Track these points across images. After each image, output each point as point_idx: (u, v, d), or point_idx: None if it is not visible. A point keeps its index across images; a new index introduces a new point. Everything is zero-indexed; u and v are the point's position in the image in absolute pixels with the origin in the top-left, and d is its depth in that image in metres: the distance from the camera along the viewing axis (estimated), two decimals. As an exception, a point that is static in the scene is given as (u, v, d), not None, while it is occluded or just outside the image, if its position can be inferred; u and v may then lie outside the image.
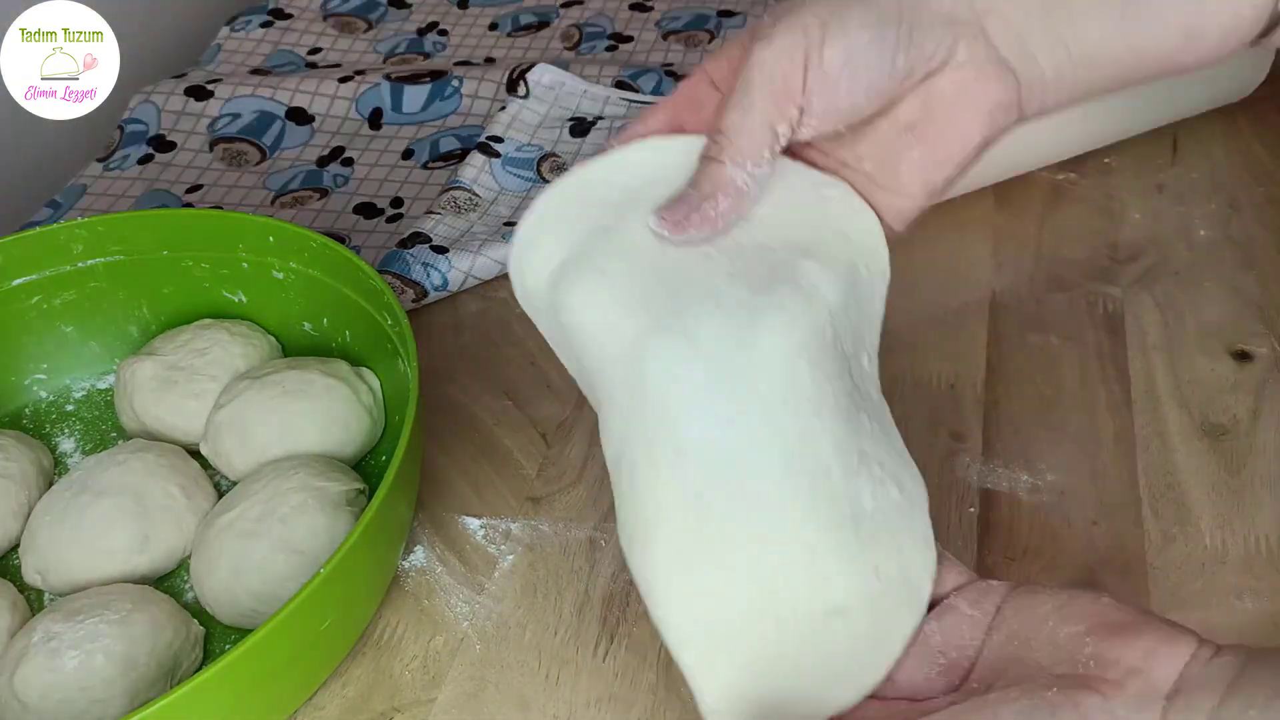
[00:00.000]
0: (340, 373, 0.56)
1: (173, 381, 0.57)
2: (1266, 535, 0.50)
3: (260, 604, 0.48)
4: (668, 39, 0.88)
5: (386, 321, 0.54)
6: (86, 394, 0.61)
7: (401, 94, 0.81)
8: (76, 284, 0.59)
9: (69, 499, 0.52)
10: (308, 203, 0.74)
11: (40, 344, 0.60)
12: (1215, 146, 0.73)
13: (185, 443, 0.57)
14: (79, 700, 0.44)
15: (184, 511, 0.52)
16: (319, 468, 0.51)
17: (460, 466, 0.57)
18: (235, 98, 0.81)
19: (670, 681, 0.47)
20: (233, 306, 0.61)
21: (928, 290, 0.64)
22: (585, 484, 0.55)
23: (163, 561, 0.52)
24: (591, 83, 0.80)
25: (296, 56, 0.88)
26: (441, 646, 0.49)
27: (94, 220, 0.58)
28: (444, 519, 0.54)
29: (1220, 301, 0.62)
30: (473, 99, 0.81)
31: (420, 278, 0.64)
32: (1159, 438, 0.55)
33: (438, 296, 0.65)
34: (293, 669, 0.44)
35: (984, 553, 0.51)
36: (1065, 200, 0.70)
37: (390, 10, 0.93)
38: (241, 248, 0.59)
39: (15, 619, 0.49)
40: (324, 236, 0.56)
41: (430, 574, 0.52)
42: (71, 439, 0.59)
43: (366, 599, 0.48)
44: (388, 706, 0.47)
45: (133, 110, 0.81)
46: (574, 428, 0.58)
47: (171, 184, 0.76)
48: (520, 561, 0.52)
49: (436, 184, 0.75)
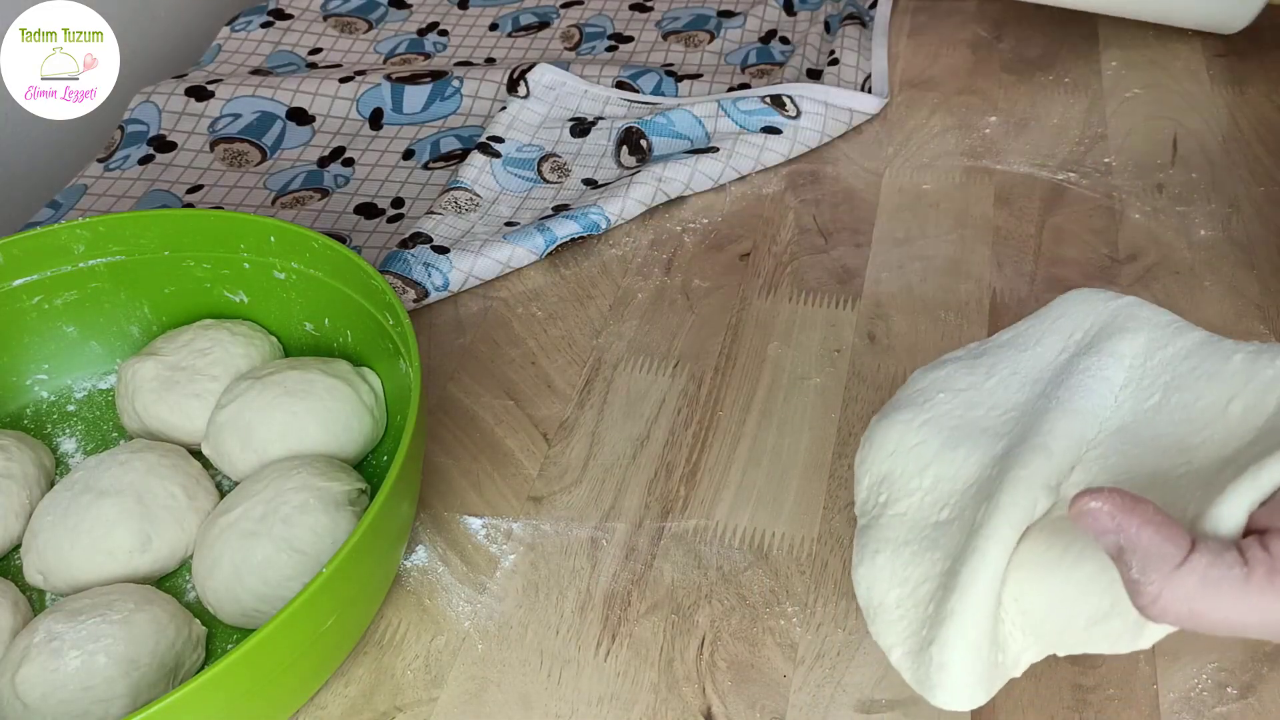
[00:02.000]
0: (342, 373, 0.56)
1: (174, 382, 0.57)
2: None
3: (262, 604, 0.48)
4: (668, 39, 0.88)
5: (388, 321, 0.54)
6: (88, 394, 0.61)
7: (402, 94, 0.81)
8: (78, 284, 0.59)
9: (70, 499, 0.52)
10: (308, 203, 0.74)
11: (41, 344, 0.60)
12: (1215, 146, 0.73)
13: (187, 443, 0.57)
14: (81, 700, 0.44)
15: (186, 511, 0.52)
16: (321, 467, 0.51)
17: (462, 466, 0.57)
18: (236, 98, 0.81)
19: (671, 681, 0.47)
20: (234, 307, 0.61)
21: (928, 290, 0.64)
22: (586, 483, 0.55)
23: (164, 561, 0.52)
24: (592, 83, 0.80)
25: (297, 57, 0.88)
26: (443, 646, 0.49)
27: (95, 220, 0.58)
28: (445, 519, 0.54)
29: (1220, 301, 0.62)
30: (473, 99, 0.81)
31: (421, 278, 0.64)
32: (1159, 437, 0.55)
33: (439, 297, 0.65)
34: (295, 669, 0.44)
35: (985, 552, 0.51)
36: (1065, 200, 0.70)
37: (390, 10, 0.93)
38: (243, 248, 0.59)
39: (17, 619, 0.49)
40: (325, 236, 0.56)
41: (432, 573, 0.52)
42: (73, 439, 0.59)
43: (368, 599, 0.48)
44: (390, 706, 0.47)
45: (133, 110, 0.81)
46: (575, 427, 0.58)
47: (172, 184, 0.76)
48: (522, 561, 0.52)
49: (437, 184, 0.75)
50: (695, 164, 0.71)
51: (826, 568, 0.51)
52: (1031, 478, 0.38)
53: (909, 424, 0.43)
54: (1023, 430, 0.41)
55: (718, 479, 0.55)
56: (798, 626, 0.48)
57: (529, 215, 0.70)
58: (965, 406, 0.43)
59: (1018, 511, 0.38)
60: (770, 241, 0.69)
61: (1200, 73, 0.80)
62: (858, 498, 0.44)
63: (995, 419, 0.42)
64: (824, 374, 0.60)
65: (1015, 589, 0.38)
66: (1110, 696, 0.45)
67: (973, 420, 0.42)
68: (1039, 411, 0.41)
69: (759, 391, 0.59)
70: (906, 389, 0.46)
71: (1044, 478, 0.38)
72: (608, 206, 0.69)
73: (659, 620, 0.49)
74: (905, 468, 0.42)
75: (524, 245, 0.67)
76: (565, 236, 0.67)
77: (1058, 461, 0.39)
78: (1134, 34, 0.84)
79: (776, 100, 0.75)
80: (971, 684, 0.37)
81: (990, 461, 0.40)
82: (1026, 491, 0.38)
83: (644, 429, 0.58)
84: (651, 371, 0.61)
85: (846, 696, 0.46)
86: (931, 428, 0.43)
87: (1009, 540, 0.37)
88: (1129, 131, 0.75)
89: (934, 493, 0.41)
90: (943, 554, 0.39)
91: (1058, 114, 0.77)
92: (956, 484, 0.41)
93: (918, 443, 0.42)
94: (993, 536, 0.37)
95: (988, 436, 0.41)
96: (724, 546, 0.52)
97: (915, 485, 0.42)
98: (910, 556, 0.40)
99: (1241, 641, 0.47)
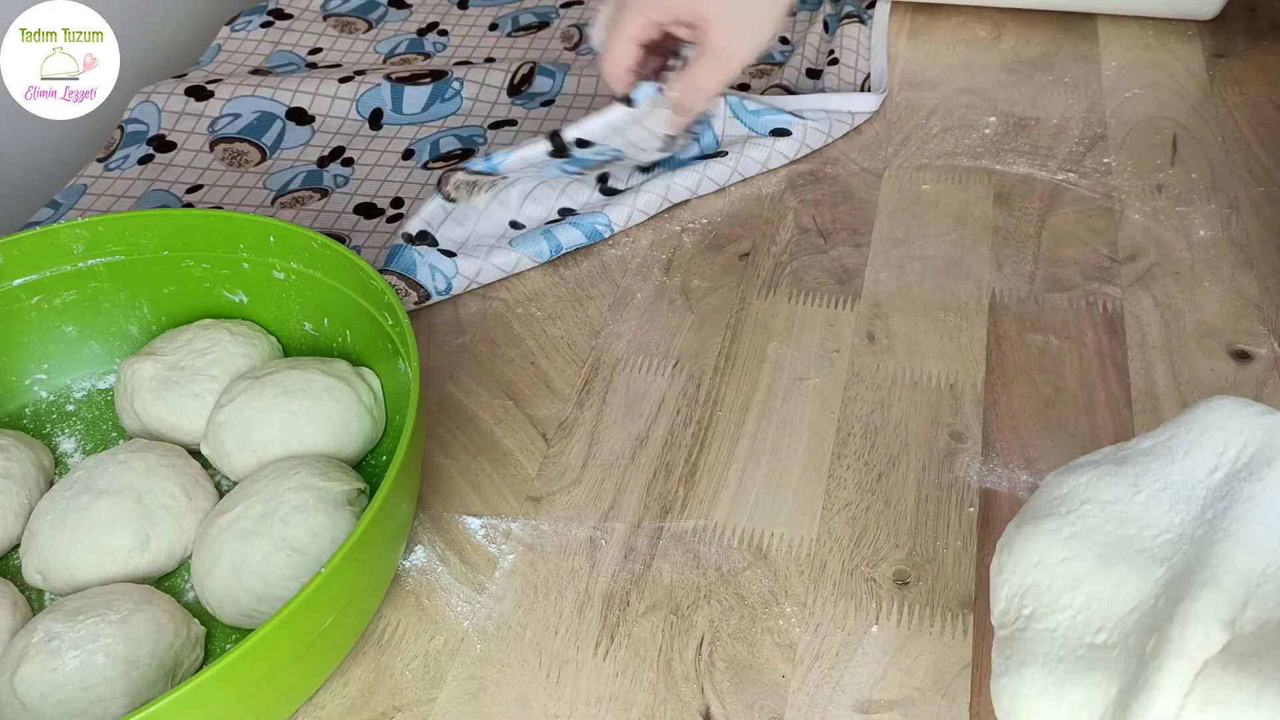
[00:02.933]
0: (341, 372, 0.56)
1: (173, 381, 0.57)
2: (1266, 535, 0.50)
3: (261, 604, 0.48)
4: (668, 39, 0.88)
5: (387, 321, 0.54)
6: (87, 394, 0.61)
7: (402, 95, 0.81)
8: (77, 284, 0.59)
9: (70, 499, 0.52)
10: (308, 203, 0.74)
11: (41, 344, 0.60)
12: (1215, 146, 0.73)
13: (186, 443, 0.57)
14: (80, 700, 0.44)
15: (185, 511, 0.52)
16: (320, 467, 0.51)
17: (461, 466, 0.57)
18: (235, 98, 0.81)
19: (670, 681, 0.47)
20: (233, 307, 0.61)
21: (927, 290, 0.64)
22: (585, 483, 0.55)
23: (163, 561, 0.52)
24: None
25: (296, 56, 0.88)
26: (442, 646, 0.49)
27: (94, 220, 0.58)
28: (444, 518, 0.54)
29: (1220, 301, 0.62)
30: (473, 101, 0.81)
31: (425, 280, 0.64)
32: (1159, 437, 0.55)
33: (439, 299, 0.65)
34: (294, 668, 0.44)
35: (984, 553, 0.51)
36: (1065, 200, 0.70)
37: (390, 10, 0.93)
38: (242, 248, 0.59)
39: (16, 619, 0.49)
40: (325, 236, 0.56)
41: (431, 573, 0.52)
42: (72, 439, 0.59)
43: (367, 598, 0.48)
44: (388, 706, 0.47)
45: (133, 110, 0.81)
46: (574, 427, 0.58)
47: (172, 184, 0.76)
48: (520, 561, 0.52)
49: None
50: (704, 170, 0.71)
51: (825, 568, 0.51)
52: (1204, 611, 0.37)
53: (1054, 535, 0.42)
54: (1187, 560, 0.40)
55: (716, 479, 0.55)
56: (796, 627, 0.48)
57: (537, 204, 0.70)
58: (1116, 523, 0.42)
59: (1192, 645, 0.37)
60: (769, 241, 0.69)
61: (1200, 73, 0.80)
62: (995, 606, 0.43)
63: (1151, 540, 0.41)
64: (823, 374, 0.60)
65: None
66: (1109, 697, 0.45)
67: (1126, 539, 0.41)
68: (1204, 541, 0.40)
69: (758, 391, 0.59)
70: (1044, 494, 0.44)
71: (1217, 611, 0.38)
72: (613, 215, 0.69)
73: (658, 620, 0.49)
74: (1053, 582, 0.41)
75: (528, 251, 0.66)
76: (570, 245, 0.67)
77: (1229, 596, 0.38)
78: (1134, 34, 0.84)
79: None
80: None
81: (1152, 588, 0.40)
82: (1200, 625, 0.37)
83: (643, 429, 0.58)
84: (650, 371, 0.61)
85: (845, 696, 0.46)
86: (1081, 542, 0.42)
87: (1185, 675, 0.37)
88: (1129, 131, 0.75)
89: (1087, 612, 0.40)
90: (1103, 677, 0.38)
91: (1058, 114, 0.77)
92: (1114, 607, 0.40)
93: (1066, 557, 0.41)
94: (1168, 669, 0.37)
95: (1145, 559, 0.41)
96: (723, 547, 0.52)
97: (1066, 601, 0.41)
98: (1064, 674, 0.39)
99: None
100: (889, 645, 0.48)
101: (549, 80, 0.82)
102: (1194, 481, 0.42)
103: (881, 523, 0.52)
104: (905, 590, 0.50)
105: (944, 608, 0.49)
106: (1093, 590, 0.41)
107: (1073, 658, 0.40)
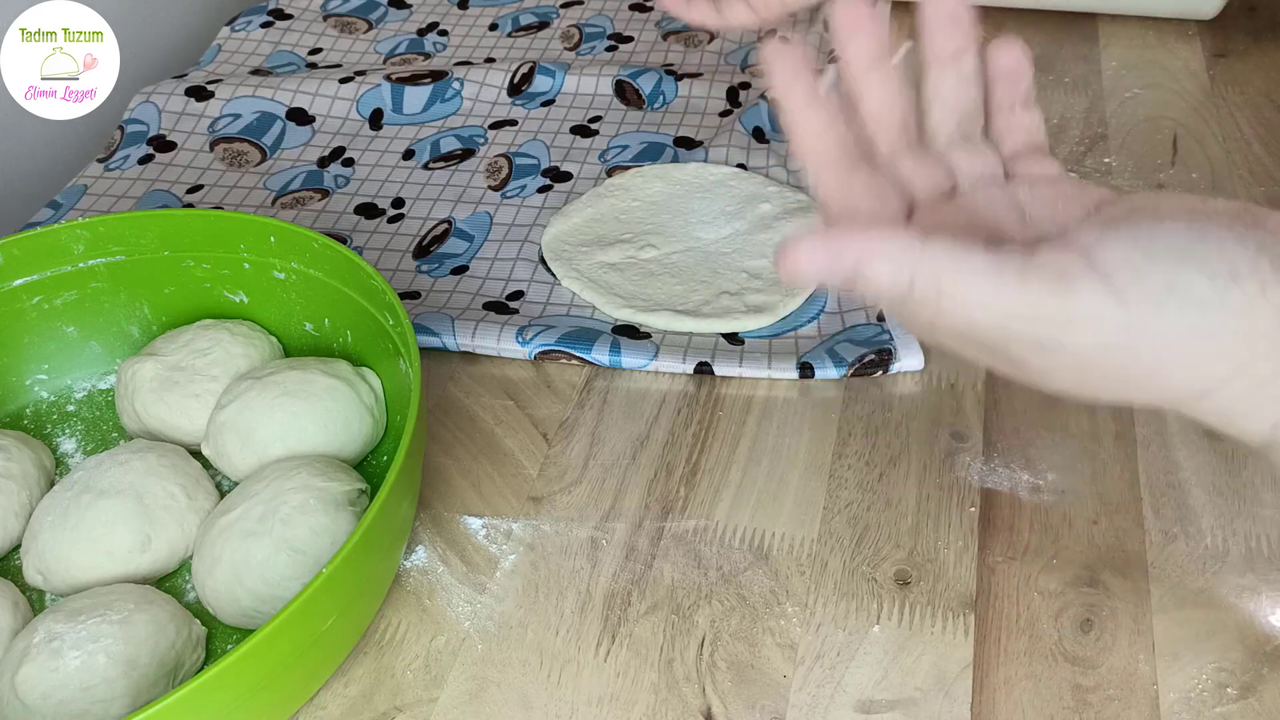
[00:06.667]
0: (341, 373, 0.56)
1: (174, 382, 0.57)
2: (1267, 535, 0.50)
3: (262, 604, 0.48)
4: (668, 39, 0.88)
5: (388, 321, 0.54)
6: (88, 394, 0.61)
7: (402, 95, 0.81)
8: (77, 284, 0.59)
9: (70, 499, 0.52)
10: (308, 203, 0.74)
11: (41, 344, 0.60)
12: (1215, 146, 0.73)
13: (186, 443, 0.57)
14: (80, 700, 0.44)
15: (185, 512, 0.52)
16: (320, 468, 0.51)
17: (461, 466, 0.57)
18: (236, 98, 0.81)
19: (671, 681, 0.47)
20: (234, 307, 0.61)
21: (928, 290, 0.64)
22: (586, 483, 0.55)
23: (164, 562, 0.52)
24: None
25: (296, 57, 0.88)
26: (443, 646, 0.49)
27: (95, 220, 0.58)
28: (445, 519, 0.54)
29: (1220, 301, 0.62)
30: (473, 101, 0.81)
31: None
32: (1159, 437, 0.55)
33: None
34: (295, 669, 0.44)
35: (985, 552, 0.51)
36: (1065, 200, 0.70)
37: (390, 10, 0.93)
38: (243, 248, 0.59)
39: (17, 619, 0.49)
40: (325, 237, 0.56)
41: (432, 574, 0.52)
42: (73, 439, 0.59)
43: (368, 599, 0.48)
44: (390, 706, 0.47)
45: (133, 110, 0.81)
46: (575, 427, 0.58)
47: (172, 184, 0.76)
48: (522, 561, 0.52)
49: (437, 184, 0.75)
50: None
51: (826, 568, 0.51)
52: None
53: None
54: None
55: (717, 479, 0.55)
56: (797, 626, 0.48)
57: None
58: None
59: None
60: (770, 241, 0.69)
61: (1200, 73, 0.80)
62: None
63: None
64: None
65: None
66: (1110, 697, 0.45)
67: None
68: None
69: (759, 391, 0.59)
70: None
71: None
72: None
73: (659, 620, 0.49)
74: None
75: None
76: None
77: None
78: (1134, 34, 0.84)
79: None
80: None
81: None
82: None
83: (644, 429, 0.58)
84: (651, 371, 0.61)
85: (846, 696, 0.46)
86: None
87: None
88: (1129, 131, 0.75)
89: None
90: None
91: (1058, 114, 0.77)
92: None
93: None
94: None
95: None
96: (724, 546, 0.52)
97: None
98: None
99: (1241, 641, 0.47)
100: (890, 645, 0.48)
101: (549, 80, 0.82)
102: None
103: (883, 522, 0.52)
104: (906, 590, 0.50)
105: (945, 607, 0.49)
106: None
107: None
